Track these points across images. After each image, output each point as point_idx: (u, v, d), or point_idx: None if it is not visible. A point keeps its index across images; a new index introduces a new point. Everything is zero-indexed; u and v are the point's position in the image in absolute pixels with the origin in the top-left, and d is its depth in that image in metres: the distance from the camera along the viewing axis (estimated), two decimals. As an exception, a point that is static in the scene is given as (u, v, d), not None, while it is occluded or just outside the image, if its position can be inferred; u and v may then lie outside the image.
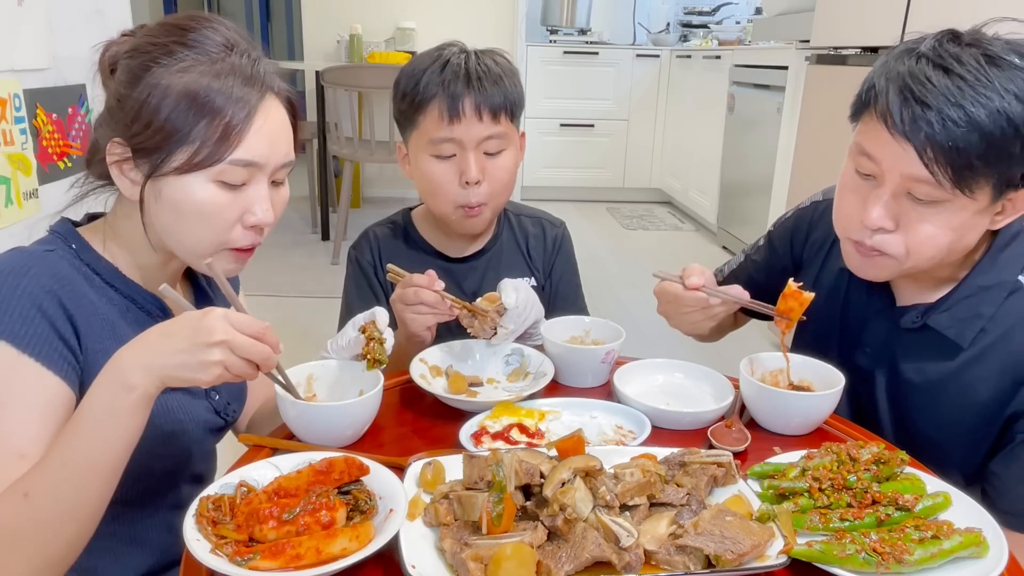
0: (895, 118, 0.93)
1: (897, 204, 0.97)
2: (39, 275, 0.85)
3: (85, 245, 0.94)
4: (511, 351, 1.18)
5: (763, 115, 3.83)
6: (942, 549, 0.72)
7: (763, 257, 1.35)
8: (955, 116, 0.89)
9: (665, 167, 5.71)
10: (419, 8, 5.28)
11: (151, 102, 0.86)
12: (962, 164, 0.90)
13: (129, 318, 0.94)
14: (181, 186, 0.88)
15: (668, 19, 6.24)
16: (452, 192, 1.26)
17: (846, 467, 0.83)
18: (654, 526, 0.76)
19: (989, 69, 0.90)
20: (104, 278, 0.94)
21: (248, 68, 0.90)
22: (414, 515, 0.77)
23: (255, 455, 0.90)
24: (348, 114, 4.08)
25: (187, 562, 0.73)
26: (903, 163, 0.93)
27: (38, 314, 0.84)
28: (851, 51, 2.68)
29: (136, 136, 0.88)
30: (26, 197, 1.88)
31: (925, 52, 0.94)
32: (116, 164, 0.90)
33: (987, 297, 1.03)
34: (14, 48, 1.86)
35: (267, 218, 0.93)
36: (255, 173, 0.91)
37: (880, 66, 0.99)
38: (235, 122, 0.88)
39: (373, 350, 1.00)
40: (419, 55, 1.31)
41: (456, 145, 1.24)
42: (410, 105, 1.26)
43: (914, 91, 0.92)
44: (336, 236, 4.05)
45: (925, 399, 1.08)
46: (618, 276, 3.99)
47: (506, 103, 1.26)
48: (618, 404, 1.05)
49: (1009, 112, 0.89)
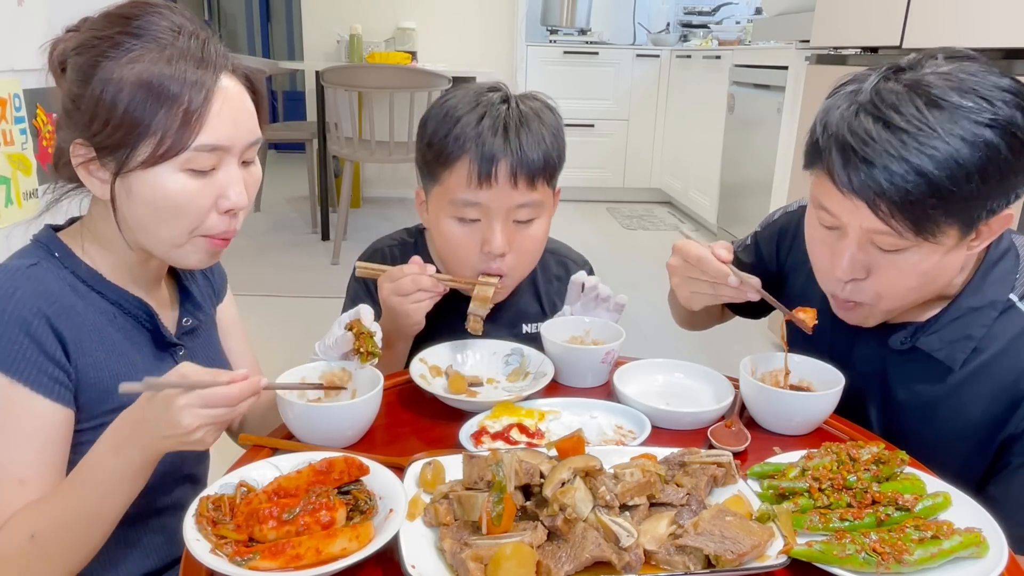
0: (841, 177, 0.90)
1: (864, 254, 0.95)
2: (25, 297, 0.84)
3: (67, 252, 0.93)
4: (511, 351, 1.18)
5: (763, 115, 3.83)
6: (942, 549, 0.72)
7: (749, 259, 1.32)
8: (900, 170, 0.86)
9: (665, 167, 5.71)
10: (419, 8, 5.28)
11: (106, 98, 0.84)
12: (918, 215, 0.88)
13: (117, 324, 0.94)
14: (150, 179, 0.86)
15: (668, 19, 6.24)
16: (473, 259, 1.16)
17: (846, 467, 0.83)
18: (654, 526, 0.76)
19: (930, 114, 0.86)
20: (89, 284, 0.93)
21: (198, 50, 0.87)
22: (414, 515, 0.77)
23: (255, 455, 0.90)
24: (348, 114, 4.08)
25: (187, 562, 0.73)
26: (859, 217, 0.92)
27: (26, 339, 0.83)
28: (851, 51, 2.68)
29: (97, 135, 0.85)
30: (26, 197, 1.88)
31: (864, 102, 0.91)
32: (82, 165, 0.88)
33: (977, 318, 1.00)
34: (14, 48, 1.86)
35: (241, 201, 0.91)
36: (223, 156, 0.89)
37: (821, 114, 0.96)
38: (194, 106, 0.85)
39: (365, 343, 1.00)
40: (454, 93, 1.17)
41: (482, 210, 1.13)
42: (436, 157, 1.14)
43: (856, 149, 0.89)
44: (336, 236, 4.05)
45: (917, 420, 1.06)
46: (618, 276, 3.99)
47: (546, 167, 1.13)
48: (618, 404, 1.05)
49: (957, 158, 0.85)
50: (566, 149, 1.19)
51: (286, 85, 7.91)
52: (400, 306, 1.11)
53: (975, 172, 0.86)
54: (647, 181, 5.84)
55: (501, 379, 1.16)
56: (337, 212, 4.26)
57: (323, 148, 4.24)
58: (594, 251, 4.48)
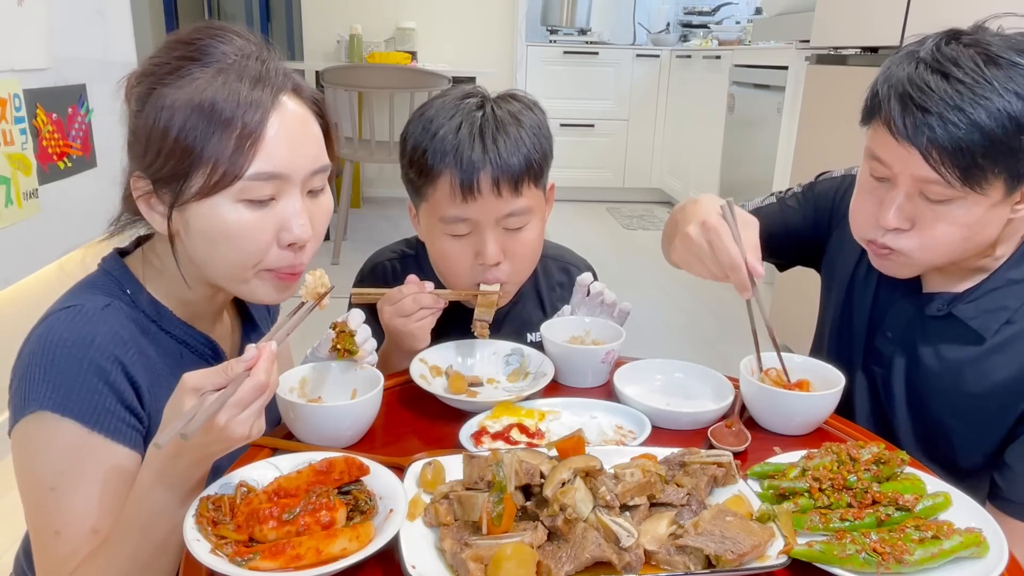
0: (898, 124, 0.94)
1: (912, 205, 0.98)
2: (103, 344, 0.82)
3: (139, 288, 0.90)
4: (511, 351, 1.18)
5: (763, 115, 3.83)
6: (942, 549, 0.72)
7: (796, 206, 1.30)
8: (955, 119, 0.90)
9: (665, 167, 5.71)
10: (419, 8, 5.28)
11: (158, 125, 0.80)
12: (968, 163, 0.91)
13: (184, 364, 0.91)
14: (207, 211, 0.82)
15: (668, 19, 6.24)
16: (469, 271, 1.15)
17: (846, 467, 0.83)
18: (654, 526, 0.76)
19: (988, 69, 0.91)
20: (160, 325, 0.90)
21: (257, 69, 0.83)
22: (414, 515, 0.77)
23: (255, 455, 0.90)
24: (348, 114, 4.08)
25: (187, 562, 0.73)
26: (912, 166, 0.95)
27: (105, 387, 0.81)
28: (851, 51, 2.68)
29: (152, 165, 0.81)
30: (26, 197, 1.88)
31: (924, 57, 0.95)
32: (143, 199, 0.85)
33: (1015, 290, 1.04)
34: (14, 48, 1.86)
35: (304, 234, 0.85)
36: (282, 186, 0.83)
37: (883, 72, 1.00)
38: (248, 129, 0.80)
39: (343, 341, 1.00)
40: (431, 104, 1.14)
41: (471, 223, 1.11)
42: (418, 174, 1.12)
43: (914, 98, 0.93)
44: (336, 236, 4.05)
45: (943, 384, 1.09)
46: (618, 276, 3.99)
47: (529, 170, 1.09)
48: (618, 404, 1.05)
49: (1010, 110, 0.90)
50: (552, 145, 1.15)
51: (286, 85, 7.90)
52: (404, 327, 1.10)
53: None
54: (647, 181, 5.85)
55: (501, 379, 1.15)
56: (337, 212, 4.26)
57: (323, 148, 4.24)
58: (594, 251, 4.49)
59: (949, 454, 1.07)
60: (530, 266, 1.21)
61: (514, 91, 1.17)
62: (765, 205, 1.33)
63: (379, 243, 1.39)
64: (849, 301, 1.21)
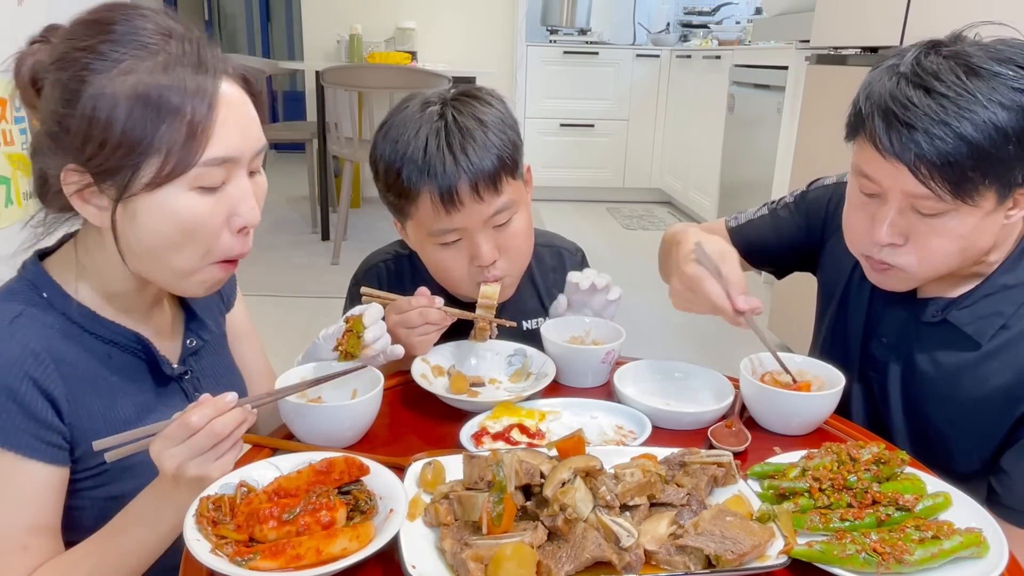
0: (883, 142, 0.93)
1: (904, 220, 0.98)
2: (8, 361, 0.79)
3: (57, 291, 0.87)
4: (514, 351, 1.18)
5: (763, 115, 3.83)
6: (942, 549, 0.72)
7: (788, 216, 1.30)
8: (941, 133, 0.90)
9: (665, 167, 5.71)
10: (419, 8, 5.28)
11: (100, 117, 0.76)
12: (958, 177, 0.91)
13: (113, 365, 0.89)
14: (157, 202, 0.80)
15: (668, 19, 6.24)
16: (467, 275, 1.16)
17: (846, 467, 0.83)
18: (654, 526, 0.76)
19: (970, 81, 0.90)
20: (81, 326, 0.87)
21: (194, 54, 0.80)
22: (414, 515, 0.77)
23: (255, 455, 0.90)
24: (348, 114, 4.08)
25: (187, 562, 0.73)
26: (901, 182, 0.94)
27: (13, 405, 0.79)
28: (851, 51, 2.68)
29: (93, 158, 0.78)
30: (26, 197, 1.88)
31: (904, 71, 0.94)
32: (77, 194, 0.81)
33: (1010, 296, 1.03)
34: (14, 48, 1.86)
35: (253, 218, 0.85)
36: (232, 169, 0.83)
37: (863, 87, 0.99)
38: (198, 117, 0.78)
39: (347, 342, 1.00)
40: (394, 119, 1.13)
41: (460, 231, 1.12)
42: (397, 196, 1.13)
43: (898, 114, 0.92)
44: (336, 236, 4.06)
45: (939, 390, 1.08)
46: (618, 276, 3.97)
47: (504, 168, 1.10)
48: (618, 404, 1.05)
49: (995, 121, 0.89)
50: (519, 132, 1.15)
51: (286, 85, 7.92)
52: (406, 339, 1.10)
53: (1012, 135, 0.89)
54: (647, 181, 5.85)
55: (503, 379, 1.15)
56: (337, 212, 4.27)
57: (323, 148, 4.25)
58: (594, 251, 4.47)
59: (946, 459, 1.07)
60: (526, 256, 1.21)
61: (469, 88, 1.17)
62: (757, 217, 1.34)
63: (379, 243, 1.39)
64: (844, 307, 1.20)
